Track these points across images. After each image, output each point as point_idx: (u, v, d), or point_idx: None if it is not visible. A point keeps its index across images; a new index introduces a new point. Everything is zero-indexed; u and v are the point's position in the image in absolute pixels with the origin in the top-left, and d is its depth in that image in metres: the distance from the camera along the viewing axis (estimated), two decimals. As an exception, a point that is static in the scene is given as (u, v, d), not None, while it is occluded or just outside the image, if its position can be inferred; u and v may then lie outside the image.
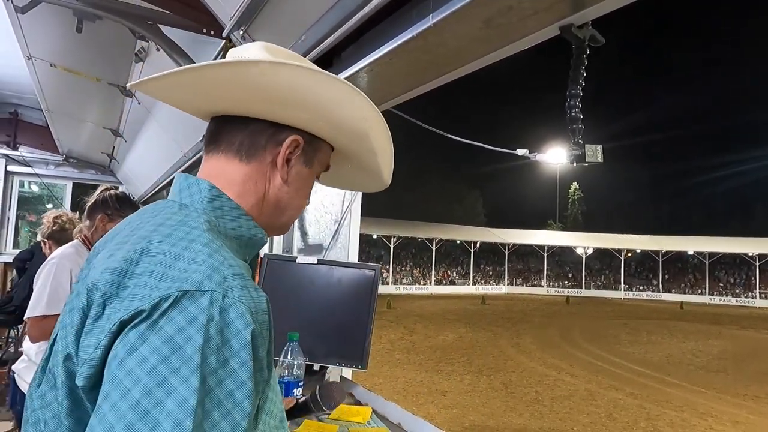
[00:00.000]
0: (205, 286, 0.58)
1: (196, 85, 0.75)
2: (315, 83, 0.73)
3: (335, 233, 1.85)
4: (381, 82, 1.52)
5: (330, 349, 1.59)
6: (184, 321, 0.55)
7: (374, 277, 1.64)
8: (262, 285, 1.66)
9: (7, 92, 5.43)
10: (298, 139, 0.79)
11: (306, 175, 0.83)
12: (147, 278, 0.59)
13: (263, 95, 0.74)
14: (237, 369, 0.56)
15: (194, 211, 0.72)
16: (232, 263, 0.63)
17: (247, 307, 0.59)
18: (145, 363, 0.53)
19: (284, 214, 0.83)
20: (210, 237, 0.66)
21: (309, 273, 1.67)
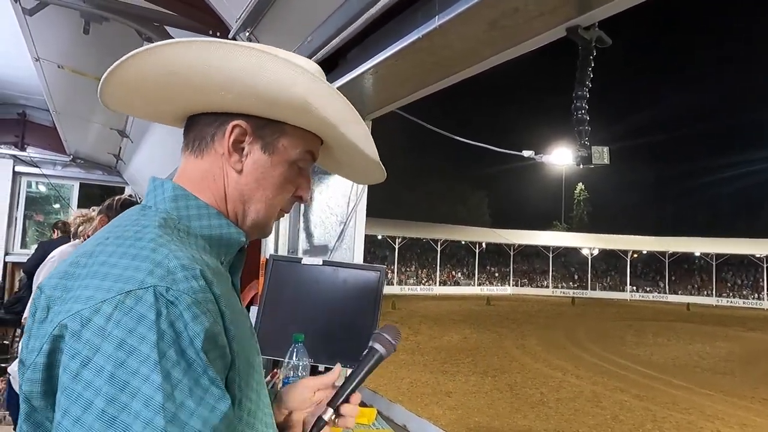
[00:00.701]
0: (147, 282, 0.57)
1: (135, 87, 0.73)
2: (221, 56, 0.68)
3: (340, 234, 1.85)
4: (386, 83, 1.53)
5: (335, 350, 1.59)
6: (132, 322, 0.54)
7: (379, 278, 1.64)
8: (266, 285, 1.67)
9: (15, 93, 5.47)
10: (240, 123, 0.74)
11: (266, 163, 0.76)
12: (90, 279, 0.58)
13: (181, 83, 0.71)
14: (195, 358, 0.55)
15: (154, 211, 0.71)
16: (178, 254, 0.61)
17: (194, 298, 0.58)
18: (102, 372, 0.52)
19: (251, 208, 0.77)
20: (159, 232, 0.64)
21: (314, 274, 1.67)
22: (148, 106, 0.80)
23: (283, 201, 0.80)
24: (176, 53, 0.68)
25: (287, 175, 0.78)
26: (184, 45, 0.67)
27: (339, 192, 1.89)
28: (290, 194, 0.81)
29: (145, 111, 0.83)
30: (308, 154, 0.81)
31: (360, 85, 1.55)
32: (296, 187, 0.81)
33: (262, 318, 1.64)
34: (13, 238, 6.19)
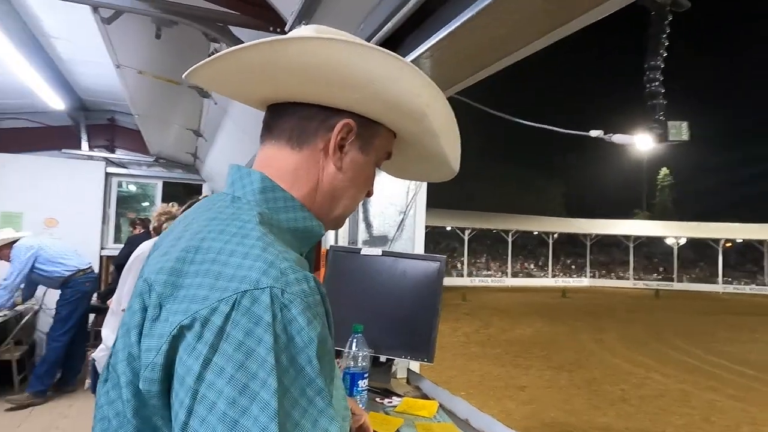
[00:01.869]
0: (262, 283, 0.56)
1: (240, 70, 0.73)
2: (361, 59, 0.68)
3: (400, 224, 1.83)
4: (443, 67, 1.47)
5: (395, 342, 1.57)
6: (250, 323, 0.54)
7: (440, 269, 1.60)
8: (326, 276, 1.68)
9: (105, 100, 5.93)
10: (350, 123, 0.75)
11: (362, 162, 0.78)
12: (202, 278, 0.57)
13: (306, 76, 0.70)
14: (305, 366, 0.54)
15: (246, 204, 0.70)
16: (287, 256, 0.60)
17: (306, 302, 0.57)
18: (223, 373, 0.52)
19: (338, 204, 0.79)
20: (263, 230, 0.63)
21: (374, 264, 1.66)
22: (244, 88, 0.78)
23: (362, 197, 0.83)
24: (317, 49, 0.67)
25: (370, 175, 0.81)
26: (326, 42, 0.67)
27: (397, 182, 1.86)
28: (366, 191, 0.82)
29: (235, 91, 0.81)
30: (388, 155, 0.83)
31: (424, 69, 1.50)
32: (372, 184, 0.83)
33: (323, 308, 1.65)
34: (107, 234, 6.74)
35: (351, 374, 1.42)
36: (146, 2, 2.10)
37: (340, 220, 0.83)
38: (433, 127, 0.78)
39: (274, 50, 0.68)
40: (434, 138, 0.81)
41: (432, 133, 0.80)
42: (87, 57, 4.29)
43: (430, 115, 0.76)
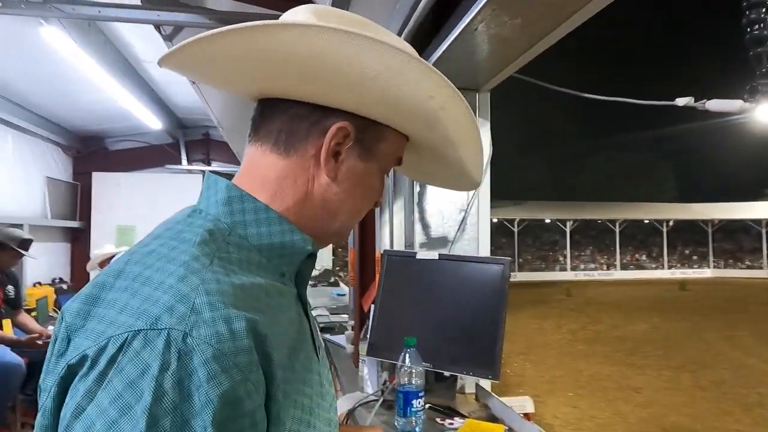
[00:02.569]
0: (162, 322, 0.45)
1: (220, 58, 0.62)
2: (357, 51, 0.57)
3: (461, 223, 1.66)
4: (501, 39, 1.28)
5: (456, 356, 1.41)
6: (135, 371, 0.43)
7: (504, 273, 1.41)
8: (381, 283, 1.56)
9: (199, 116, 6.33)
10: (346, 126, 0.63)
11: (362, 171, 0.66)
12: (108, 309, 0.48)
13: (294, 69, 0.59)
14: (206, 424, 0.43)
15: (203, 218, 0.60)
16: (211, 287, 0.49)
17: (217, 349, 0.45)
18: (92, 429, 0.43)
19: (335, 219, 0.67)
20: (197, 251, 0.53)
21: (430, 269, 1.51)
22: (225, 79, 0.70)
23: (366, 210, 0.71)
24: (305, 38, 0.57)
25: (376, 185, 0.70)
26: (325, 31, 0.56)
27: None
28: (372, 202, 0.71)
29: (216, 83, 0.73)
30: (397, 161, 0.72)
31: (470, 47, 1.33)
32: (379, 194, 0.72)
33: (378, 318, 1.54)
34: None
35: (404, 393, 1.29)
36: (201, 15, 2.12)
37: (338, 236, 0.71)
38: (449, 134, 0.69)
39: (255, 38, 0.57)
40: (451, 146, 0.71)
41: (448, 141, 0.70)
42: (177, 77, 4.56)
43: (445, 120, 0.66)
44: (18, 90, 4.84)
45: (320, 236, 0.67)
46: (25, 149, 5.59)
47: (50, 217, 5.98)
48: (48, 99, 5.13)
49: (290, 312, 0.60)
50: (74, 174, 6.65)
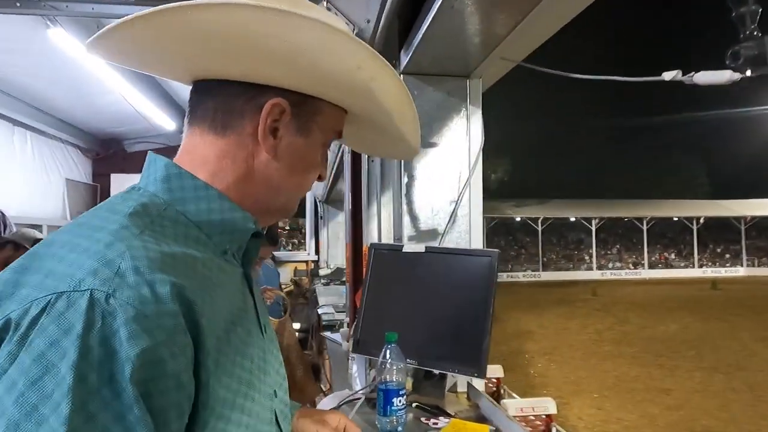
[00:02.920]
0: (85, 284, 0.47)
1: (148, 42, 0.63)
2: (281, 27, 0.57)
3: (451, 216, 1.59)
4: (478, 16, 1.21)
5: (442, 353, 1.34)
6: (58, 331, 0.44)
7: (491, 265, 1.34)
8: (368, 278, 1.50)
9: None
10: (281, 102, 0.64)
11: (302, 146, 0.68)
12: (35, 275, 0.49)
13: (220, 47, 0.60)
14: (125, 388, 0.45)
15: (139, 193, 0.61)
16: (138, 254, 0.50)
17: (138, 311, 0.46)
18: (14, 388, 0.43)
19: (279, 195, 0.69)
20: (127, 221, 0.54)
21: (417, 263, 1.45)
22: (160, 60, 0.69)
23: (310, 183, 0.73)
24: (244, 16, 0.57)
25: (316, 158, 0.71)
26: (245, 8, 0.56)
27: (447, 165, 1.63)
28: (315, 175, 0.73)
29: (150, 64, 0.72)
30: (336, 134, 0.74)
31: (450, 27, 1.26)
32: (320, 168, 0.73)
33: (364, 314, 1.48)
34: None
35: (384, 390, 1.23)
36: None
37: (283, 211, 0.73)
38: (383, 104, 0.70)
39: (177, 18, 0.57)
40: (387, 116, 0.73)
41: (383, 111, 0.72)
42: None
43: (377, 90, 0.68)
44: (37, 93, 4.94)
45: (265, 213, 0.69)
46: (45, 151, 5.72)
47: (69, 218, 6.11)
48: (67, 102, 5.23)
49: (231, 287, 0.62)
50: (93, 175, 6.78)
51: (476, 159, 1.59)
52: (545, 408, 2.18)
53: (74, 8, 2.17)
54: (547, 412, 2.17)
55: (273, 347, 0.71)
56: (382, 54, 1.60)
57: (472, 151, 1.61)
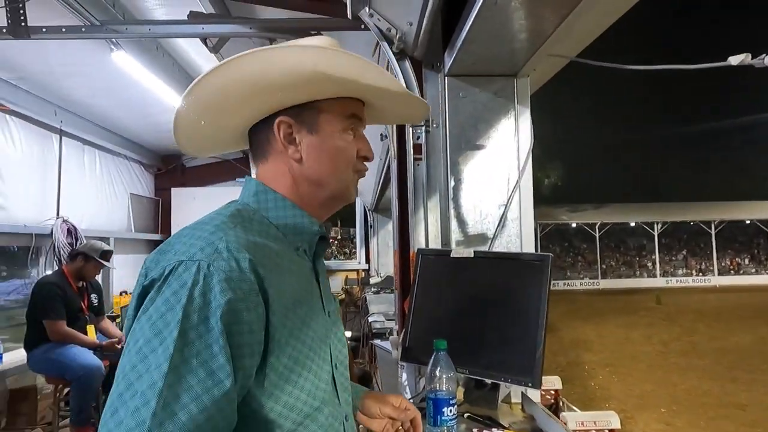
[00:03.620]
0: (196, 257, 0.68)
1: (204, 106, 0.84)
2: (248, 67, 0.78)
3: (501, 219, 1.53)
4: (522, 12, 1.17)
5: (493, 361, 1.29)
6: (177, 285, 0.66)
7: (544, 270, 1.28)
8: (416, 284, 1.48)
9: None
10: (282, 119, 0.83)
11: (318, 141, 0.84)
12: (168, 253, 0.71)
13: (234, 97, 0.80)
14: (214, 326, 0.65)
15: (237, 203, 0.83)
16: (231, 239, 0.71)
17: (227, 275, 0.67)
18: (150, 319, 0.65)
19: (326, 187, 0.86)
20: (227, 220, 0.76)
21: (466, 268, 1.41)
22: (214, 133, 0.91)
23: (349, 166, 0.87)
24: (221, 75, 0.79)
25: (341, 144, 0.86)
26: (224, 66, 0.78)
27: (495, 167, 1.58)
28: (353, 156, 0.87)
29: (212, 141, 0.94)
30: (353, 118, 0.87)
31: (494, 26, 1.23)
32: (356, 148, 0.88)
33: (412, 321, 1.45)
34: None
35: (434, 400, 1.19)
36: (242, 25, 2.17)
37: (340, 195, 0.88)
38: (342, 75, 0.80)
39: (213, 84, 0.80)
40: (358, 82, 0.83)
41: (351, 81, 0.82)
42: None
43: (328, 69, 0.79)
44: (104, 114, 5.27)
45: (324, 204, 0.88)
46: (112, 168, 6.08)
47: (134, 231, 6.44)
48: (131, 121, 5.54)
49: (299, 274, 0.81)
50: (155, 190, 7.14)
51: (525, 160, 1.53)
52: (608, 422, 2.05)
53: (133, 30, 2.29)
54: (610, 427, 2.05)
55: (336, 329, 0.89)
56: (425, 56, 1.57)
57: (521, 152, 1.56)
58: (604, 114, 52.09)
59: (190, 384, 0.62)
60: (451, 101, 1.60)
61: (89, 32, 2.26)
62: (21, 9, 2.22)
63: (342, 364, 0.89)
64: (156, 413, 0.59)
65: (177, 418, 0.60)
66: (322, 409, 0.78)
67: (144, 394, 0.60)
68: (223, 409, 0.64)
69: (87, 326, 3.99)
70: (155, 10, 3.05)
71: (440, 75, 1.58)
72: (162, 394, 0.60)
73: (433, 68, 1.61)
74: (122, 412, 0.61)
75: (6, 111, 4.25)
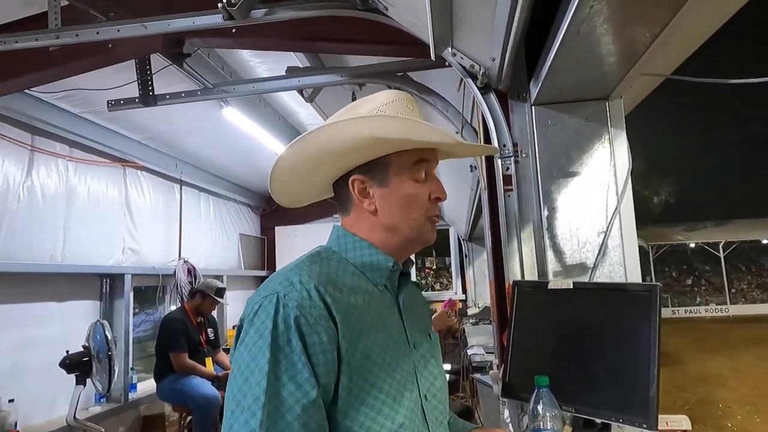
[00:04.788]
0: (275, 290, 0.82)
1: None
2: (321, 137, 0.91)
3: (601, 247, 1.46)
4: (609, 37, 1.15)
5: (600, 399, 1.22)
6: (264, 315, 0.80)
7: (652, 301, 1.19)
8: (513, 317, 1.45)
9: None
10: (356, 177, 0.95)
11: (388, 192, 0.94)
12: (258, 294, 0.85)
13: (312, 161, 0.94)
14: (296, 345, 0.78)
15: (320, 247, 0.97)
16: (303, 274, 0.84)
17: (299, 303, 0.80)
18: (247, 347, 0.79)
19: (399, 231, 0.95)
20: (306, 260, 0.91)
21: (565, 300, 1.35)
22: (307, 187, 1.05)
23: (421, 210, 0.95)
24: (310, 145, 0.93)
25: (410, 191, 0.94)
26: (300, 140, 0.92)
27: (591, 194, 1.52)
28: (424, 201, 0.95)
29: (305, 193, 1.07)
30: (420, 164, 0.95)
31: (580, 54, 1.21)
32: (428, 192, 0.96)
33: (511, 356, 1.42)
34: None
35: (538, 438, 1.15)
36: (333, 74, 2.32)
37: (415, 239, 0.97)
38: (394, 137, 0.90)
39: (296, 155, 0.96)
40: (411, 141, 0.91)
41: (405, 141, 0.91)
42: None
43: (383, 133, 0.88)
44: (215, 163, 5.82)
45: (402, 247, 0.97)
46: (224, 211, 6.64)
47: (243, 268, 6.93)
48: (238, 167, 6.06)
49: (377, 306, 0.90)
50: (261, 229, 7.66)
51: (624, 185, 1.46)
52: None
53: (240, 89, 2.55)
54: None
55: (427, 362, 0.97)
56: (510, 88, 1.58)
57: (618, 177, 1.49)
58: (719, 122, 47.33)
59: (284, 397, 0.75)
60: (540, 130, 1.58)
61: (204, 94, 2.55)
62: (149, 81, 2.57)
63: (435, 397, 0.96)
64: (263, 422, 0.73)
65: (277, 427, 0.73)
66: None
67: (251, 408, 0.74)
68: (314, 415, 0.76)
69: (205, 359, 4.34)
70: (258, 66, 3.37)
71: (527, 105, 1.57)
72: (265, 407, 0.74)
73: (519, 98, 1.61)
74: (236, 426, 0.74)
75: (138, 167, 4.86)
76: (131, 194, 4.82)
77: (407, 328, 0.95)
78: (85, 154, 4.23)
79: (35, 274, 3.66)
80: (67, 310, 3.99)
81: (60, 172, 3.98)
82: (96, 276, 4.35)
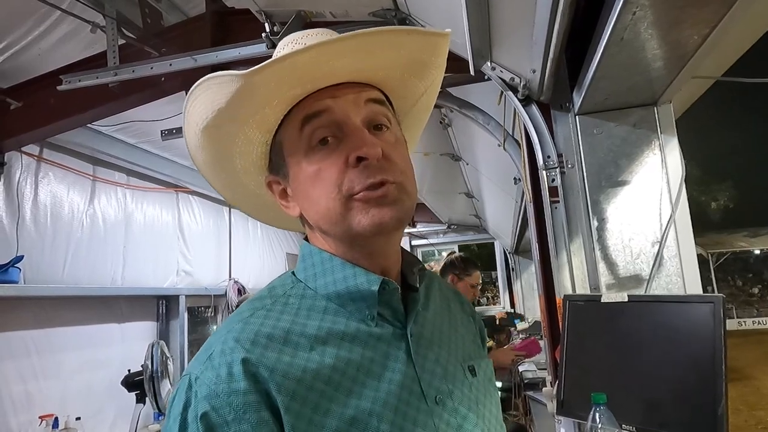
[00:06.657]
0: (191, 368, 0.60)
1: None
2: (200, 160, 0.73)
3: (656, 258, 1.41)
4: (654, 43, 1.12)
5: (663, 418, 1.16)
6: (177, 405, 0.58)
7: (715, 314, 1.14)
8: (566, 333, 1.41)
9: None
10: (269, 180, 0.73)
11: (296, 178, 0.68)
12: (191, 362, 0.64)
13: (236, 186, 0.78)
14: None
15: (281, 278, 0.71)
16: (231, 336, 0.59)
17: (210, 390, 0.56)
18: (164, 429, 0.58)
19: (326, 230, 0.67)
20: (250, 306, 0.65)
21: (620, 314, 1.31)
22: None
23: (329, 189, 0.63)
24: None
25: (309, 170, 0.65)
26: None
27: (642, 203, 1.47)
28: (332, 176, 0.63)
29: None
30: (307, 124, 0.64)
31: (624, 61, 1.19)
32: (338, 160, 0.63)
33: (565, 373, 1.38)
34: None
35: (598, 459, 1.11)
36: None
37: (348, 236, 0.65)
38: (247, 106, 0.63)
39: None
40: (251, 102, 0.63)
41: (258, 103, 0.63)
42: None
43: (209, 119, 0.65)
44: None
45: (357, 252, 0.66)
46: (271, 232, 6.80)
47: (291, 287, 7.03)
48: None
49: (361, 352, 0.61)
50: (306, 248, 7.78)
51: (678, 192, 1.40)
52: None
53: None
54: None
55: (463, 419, 0.65)
56: (552, 99, 1.56)
57: (672, 184, 1.44)
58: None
59: None
60: (585, 139, 1.55)
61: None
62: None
63: None
64: None
65: None
66: None
67: None
68: None
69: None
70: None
71: (570, 115, 1.55)
72: None
73: (561, 109, 1.58)
74: None
75: (189, 192, 5.07)
76: (184, 218, 5.02)
77: (421, 375, 0.64)
78: (140, 181, 4.46)
79: (99, 297, 3.86)
80: (127, 331, 4.18)
81: (119, 199, 4.21)
82: (153, 298, 4.54)
